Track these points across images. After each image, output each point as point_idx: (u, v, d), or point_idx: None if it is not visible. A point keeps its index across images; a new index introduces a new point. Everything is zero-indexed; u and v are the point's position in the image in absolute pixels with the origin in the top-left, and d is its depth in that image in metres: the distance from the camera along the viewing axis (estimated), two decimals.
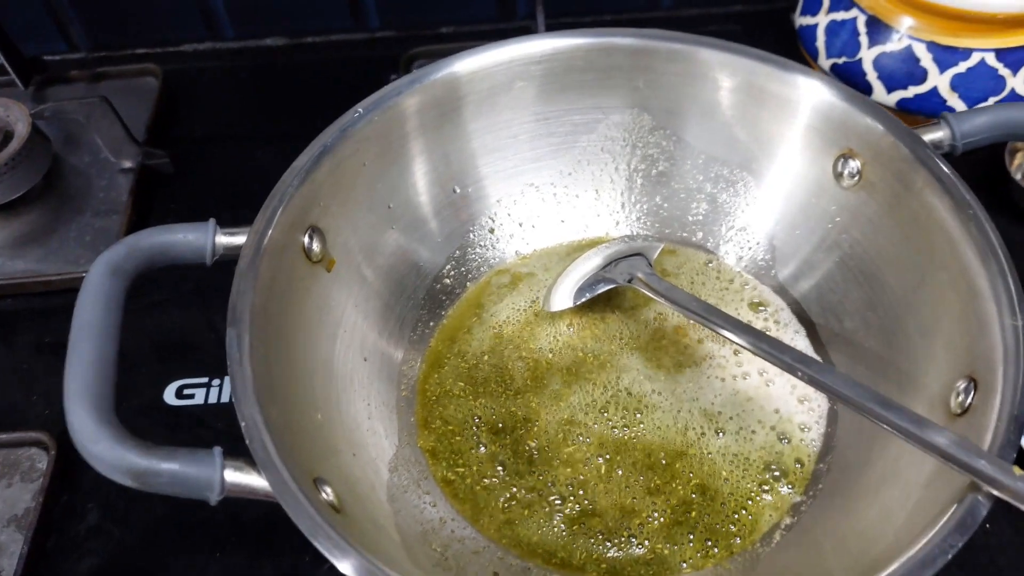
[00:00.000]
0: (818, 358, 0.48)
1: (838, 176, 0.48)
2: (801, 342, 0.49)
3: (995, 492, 0.32)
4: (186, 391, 0.56)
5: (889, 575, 0.31)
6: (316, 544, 0.33)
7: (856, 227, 0.48)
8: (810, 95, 0.47)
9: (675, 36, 0.49)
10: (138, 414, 0.54)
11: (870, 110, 0.46)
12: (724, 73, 0.49)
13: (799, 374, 0.39)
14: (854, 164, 0.47)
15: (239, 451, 0.36)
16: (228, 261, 0.42)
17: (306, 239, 0.44)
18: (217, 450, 0.35)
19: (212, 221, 0.42)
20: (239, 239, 0.42)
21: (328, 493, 0.37)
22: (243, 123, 0.73)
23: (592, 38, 0.49)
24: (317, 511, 0.34)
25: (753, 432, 0.46)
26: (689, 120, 0.52)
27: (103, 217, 0.64)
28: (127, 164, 0.66)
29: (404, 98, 0.48)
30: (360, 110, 0.47)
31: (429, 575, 0.38)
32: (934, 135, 0.44)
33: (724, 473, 0.44)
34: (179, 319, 0.59)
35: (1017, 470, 0.32)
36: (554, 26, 0.71)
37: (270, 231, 0.42)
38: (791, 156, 0.50)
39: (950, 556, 0.31)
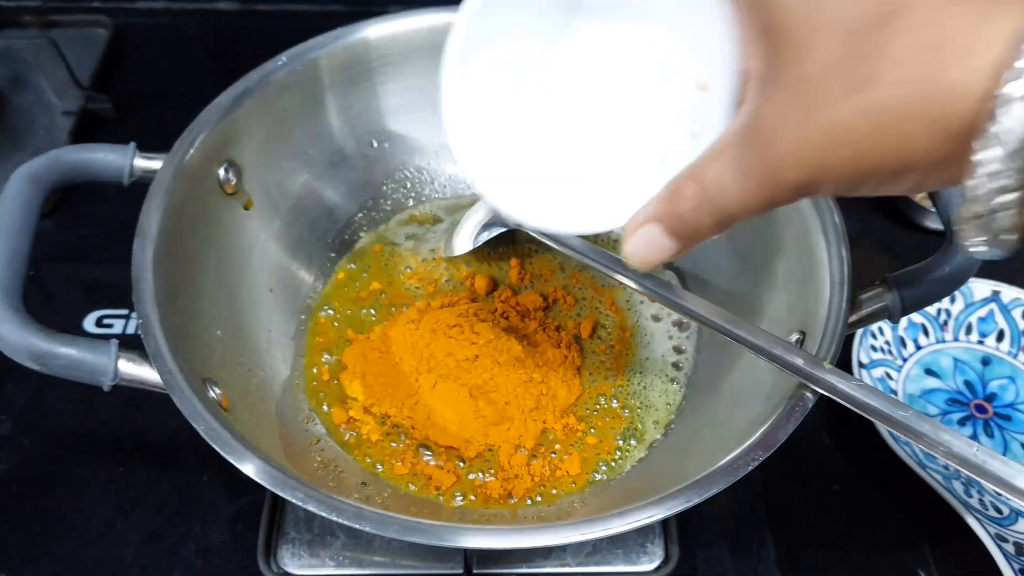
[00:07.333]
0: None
1: None
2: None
3: (813, 386, 0.37)
4: (105, 320, 0.59)
5: (740, 453, 0.36)
6: (195, 426, 0.36)
7: None
8: None
9: None
10: None
11: None
12: None
13: (684, 311, 0.41)
14: None
15: None
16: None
17: (222, 171, 0.48)
18: (113, 341, 0.39)
19: (132, 144, 0.45)
20: (157, 163, 0.45)
21: (216, 393, 0.40)
22: (188, 80, 0.76)
23: None
24: (200, 401, 0.37)
25: (629, 382, 0.50)
26: None
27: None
28: (70, 107, 0.69)
29: (326, 52, 0.51)
30: (284, 59, 0.50)
31: (307, 475, 0.42)
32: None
33: (596, 417, 0.48)
34: (107, 254, 0.61)
35: (827, 364, 0.37)
36: None
37: (186, 158, 0.45)
38: None
39: (783, 439, 0.36)
